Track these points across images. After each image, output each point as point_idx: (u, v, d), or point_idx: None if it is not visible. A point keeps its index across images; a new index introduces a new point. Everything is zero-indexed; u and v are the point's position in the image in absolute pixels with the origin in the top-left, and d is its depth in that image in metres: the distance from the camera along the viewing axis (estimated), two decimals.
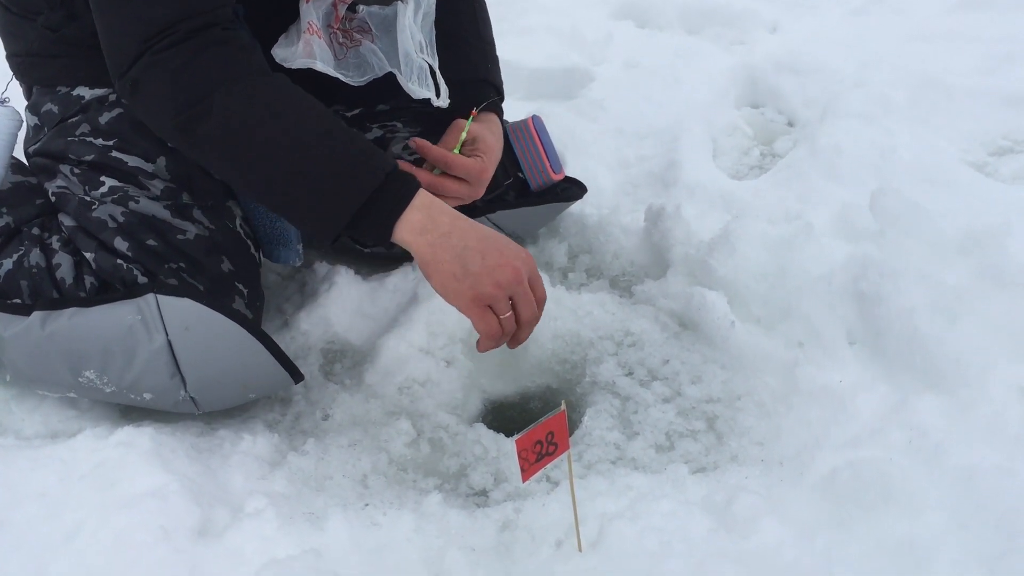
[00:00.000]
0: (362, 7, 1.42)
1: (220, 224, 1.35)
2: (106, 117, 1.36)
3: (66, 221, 1.34)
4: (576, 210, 1.80)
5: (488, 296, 1.19)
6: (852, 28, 2.78)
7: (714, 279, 1.50)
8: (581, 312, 1.53)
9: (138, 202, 1.32)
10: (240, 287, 1.34)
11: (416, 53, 1.43)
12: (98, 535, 1.06)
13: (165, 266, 1.29)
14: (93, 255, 1.30)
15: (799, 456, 1.23)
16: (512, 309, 1.22)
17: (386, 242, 1.21)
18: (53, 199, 1.38)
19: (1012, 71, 2.37)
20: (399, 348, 1.43)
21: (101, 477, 1.14)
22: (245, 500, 1.16)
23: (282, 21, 1.39)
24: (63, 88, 1.39)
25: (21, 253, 1.33)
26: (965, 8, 2.77)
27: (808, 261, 1.46)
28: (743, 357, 1.40)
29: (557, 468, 1.23)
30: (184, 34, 1.19)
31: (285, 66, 1.35)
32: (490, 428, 1.34)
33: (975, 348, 1.27)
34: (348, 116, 1.59)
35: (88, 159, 1.35)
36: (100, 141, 1.35)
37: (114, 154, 1.34)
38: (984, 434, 1.18)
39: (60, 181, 1.37)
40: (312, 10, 1.37)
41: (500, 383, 1.45)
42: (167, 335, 1.24)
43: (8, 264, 1.33)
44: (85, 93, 1.38)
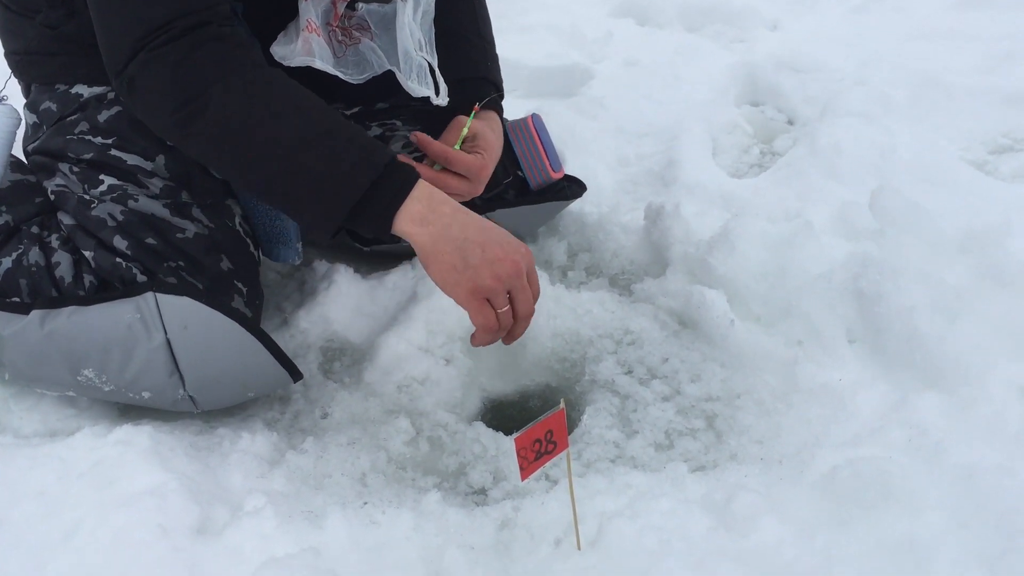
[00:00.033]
0: (361, 5, 1.42)
1: (219, 223, 1.35)
2: (105, 115, 1.36)
3: (65, 219, 1.34)
4: (576, 208, 1.80)
5: (487, 289, 1.19)
6: (852, 26, 2.78)
7: (714, 277, 1.50)
8: (580, 310, 1.53)
9: (137, 200, 1.31)
10: (239, 285, 1.34)
11: (415, 51, 1.43)
12: (97, 533, 1.06)
13: (164, 265, 1.29)
14: (92, 253, 1.30)
15: (799, 454, 1.23)
16: (509, 303, 1.22)
17: (387, 234, 1.21)
18: (52, 197, 1.38)
19: (1012, 69, 2.37)
20: (398, 346, 1.43)
21: (100, 475, 1.14)
22: (244, 498, 1.16)
23: (281, 19, 1.39)
24: (62, 86, 1.39)
25: (20, 251, 1.33)
26: (965, 6, 2.77)
27: (808, 260, 1.46)
28: (743, 355, 1.40)
29: (556, 466, 1.23)
30: (180, 31, 1.18)
31: (284, 64, 1.35)
32: (489, 427, 1.33)
33: (975, 347, 1.27)
34: (347, 114, 1.58)
35: (87, 157, 1.35)
36: (99, 139, 1.35)
37: (113, 152, 1.34)
38: (984, 433, 1.18)
39: (59, 179, 1.37)
40: (311, 8, 1.37)
41: (499, 381, 1.44)
42: (166, 334, 1.24)
43: (7, 262, 1.32)
44: (84, 91, 1.38)
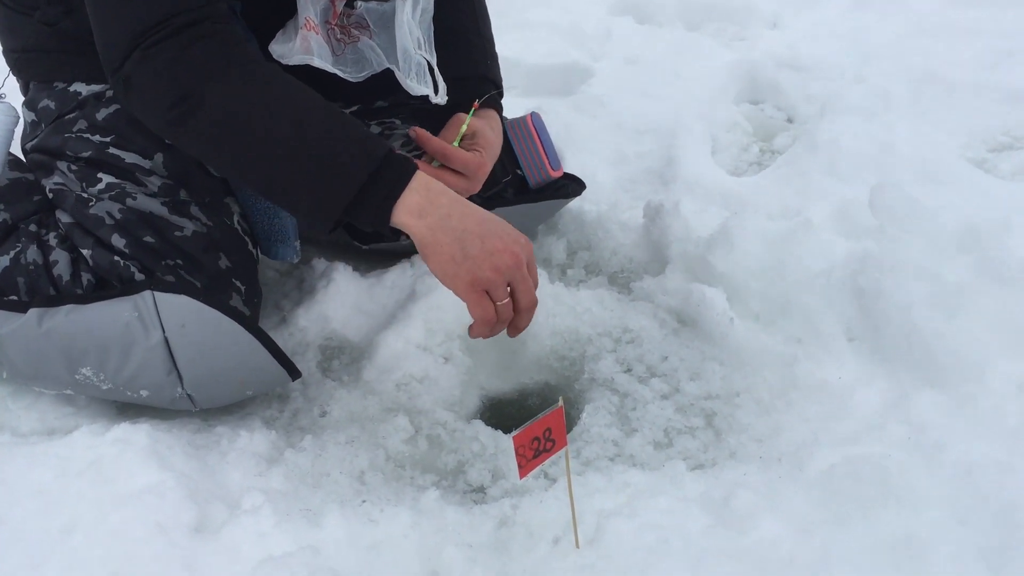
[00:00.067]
0: (360, 3, 1.42)
1: (218, 221, 1.35)
2: (103, 113, 1.36)
3: (63, 218, 1.34)
4: (575, 206, 1.80)
5: (486, 281, 1.18)
6: (852, 23, 2.77)
7: (713, 275, 1.50)
8: (580, 309, 1.52)
9: (135, 199, 1.31)
10: (238, 284, 1.34)
11: (414, 49, 1.43)
12: (95, 531, 1.07)
13: (162, 263, 1.29)
14: (90, 252, 1.30)
15: (798, 452, 1.22)
16: (510, 295, 1.21)
17: (386, 227, 1.20)
18: (50, 196, 1.38)
19: (1012, 67, 2.37)
20: (397, 345, 1.43)
21: (98, 474, 1.14)
22: (242, 497, 1.16)
23: (279, 17, 1.38)
24: (60, 84, 1.39)
25: (18, 250, 1.33)
26: (965, 3, 2.76)
27: (807, 257, 1.46)
28: (742, 353, 1.40)
29: (555, 465, 1.23)
30: (175, 29, 1.18)
31: (282, 63, 1.35)
32: (488, 425, 1.33)
33: (974, 344, 1.27)
34: (346, 113, 1.58)
35: (85, 155, 1.35)
36: (97, 137, 1.35)
37: (111, 150, 1.34)
38: (983, 430, 1.18)
39: (57, 178, 1.37)
40: (310, 6, 1.36)
41: (498, 380, 1.44)
42: (164, 332, 1.24)
43: (5, 261, 1.32)
44: (82, 89, 1.38)
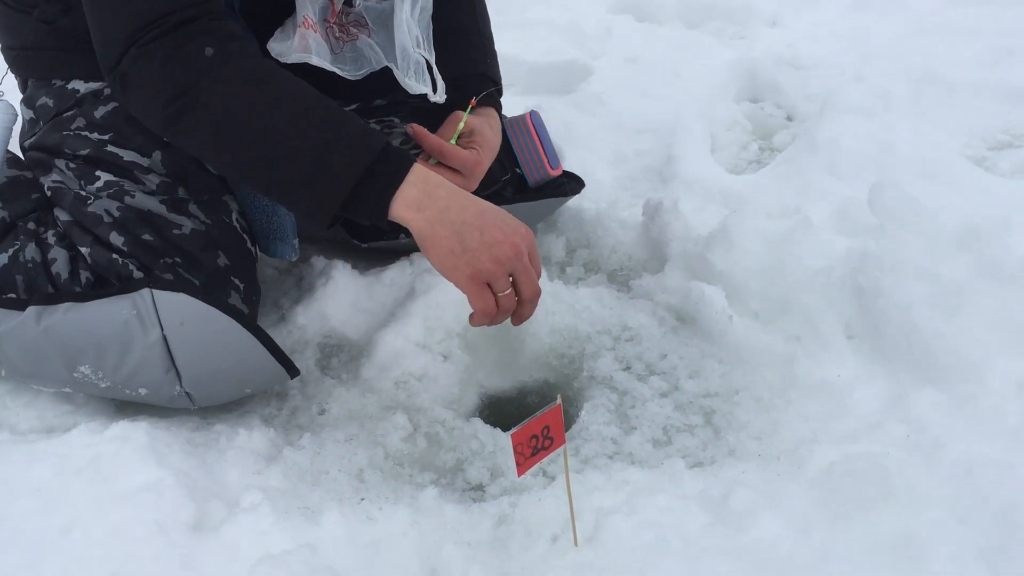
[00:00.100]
0: (359, 1, 1.42)
1: (216, 219, 1.34)
2: (101, 111, 1.35)
3: (62, 216, 1.34)
4: (574, 204, 1.79)
5: (486, 273, 1.17)
6: (852, 22, 2.77)
7: (712, 273, 1.50)
8: (579, 307, 1.52)
9: (134, 197, 1.31)
10: (236, 282, 1.34)
11: (413, 48, 1.43)
12: (93, 530, 1.06)
13: (161, 261, 1.28)
14: (88, 250, 1.30)
15: (797, 450, 1.22)
16: (513, 285, 1.20)
17: (384, 221, 1.19)
18: (49, 194, 1.37)
19: (1012, 65, 2.37)
20: (396, 343, 1.43)
21: (96, 472, 1.13)
22: (241, 495, 1.15)
23: (278, 15, 1.38)
24: (58, 81, 1.39)
25: (16, 248, 1.33)
26: (965, 2, 2.76)
27: (806, 255, 1.46)
28: (741, 351, 1.40)
29: (554, 462, 1.23)
30: (171, 26, 1.18)
31: (280, 61, 1.35)
32: (487, 423, 1.33)
33: (974, 342, 1.27)
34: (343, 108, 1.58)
35: (83, 153, 1.35)
36: (95, 135, 1.35)
37: (109, 148, 1.34)
38: (983, 429, 1.18)
39: (55, 175, 1.37)
40: (308, 4, 1.36)
41: (497, 378, 1.44)
42: (162, 330, 1.23)
43: (3, 259, 1.32)
44: (80, 87, 1.37)
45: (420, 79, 1.43)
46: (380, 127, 1.59)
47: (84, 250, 1.30)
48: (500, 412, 1.41)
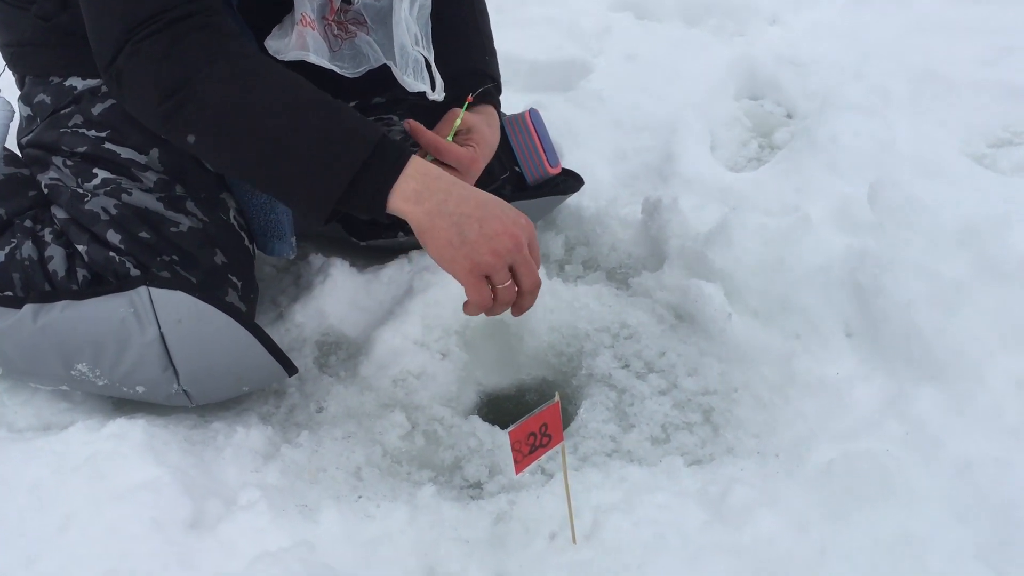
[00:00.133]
0: None
1: (214, 216, 1.34)
2: (99, 108, 1.35)
3: (58, 213, 1.34)
4: (573, 202, 1.79)
5: (486, 265, 1.17)
6: (852, 20, 2.77)
7: (711, 271, 1.50)
8: (577, 304, 1.52)
9: (131, 194, 1.31)
10: (234, 279, 1.33)
11: (411, 46, 1.42)
12: (90, 527, 1.06)
13: (158, 259, 1.28)
14: (85, 247, 1.29)
15: (795, 448, 1.22)
16: (512, 277, 1.19)
17: (382, 214, 1.19)
18: (46, 191, 1.37)
19: (1012, 63, 2.36)
20: (394, 340, 1.42)
21: (93, 469, 1.13)
22: (238, 492, 1.15)
23: (276, 13, 1.38)
24: (56, 78, 1.39)
25: (13, 245, 1.32)
26: (965, 0, 2.75)
27: (806, 253, 1.46)
28: (740, 349, 1.40)
29: (552, 460, 1.23)
30: (166, 23, 1.18)
31: (278, 58, 1.34)
32: (485, 420, 1.33)
33: (973, 340, 1.27)
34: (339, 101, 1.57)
35: (81, 151, 1.34)
36: (93, 132, 1.35)
37: (107, 145, 1.34)
38: (982, 426, 1.18)
39: (53, 173, 1.36)
40: (306, 2, 1.36)
41: (495, 375, 1.44)
42: (160, 328, 1.23)
43: (0, 256, 1.32)
44: (78, 84, 1.37)
45: (418, 77, 1.43)
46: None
47: (81, 248, 1.30)
48: (498, 410, 1.41)
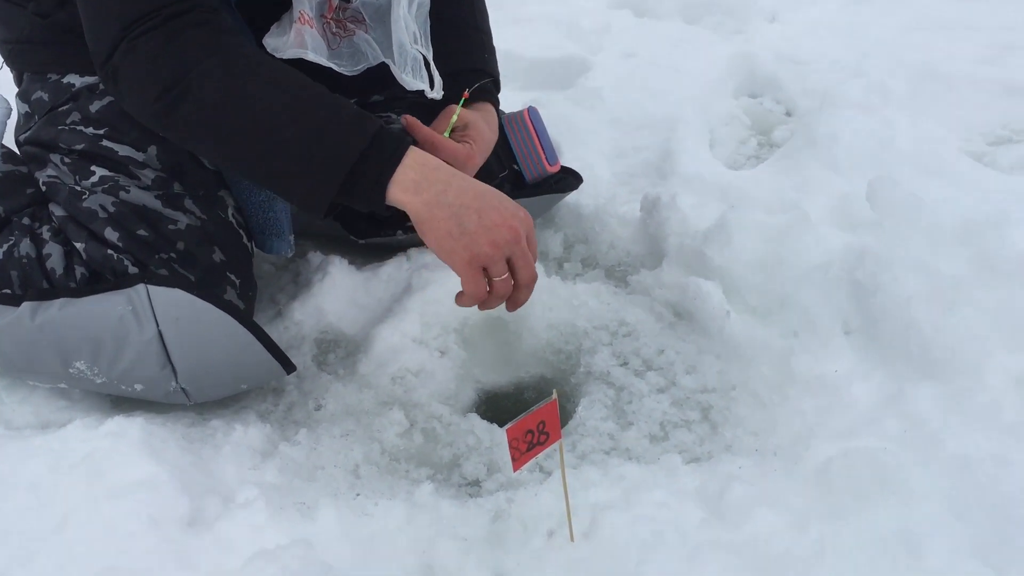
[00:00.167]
0: None
1: (212, 214, 1.34)
2: (97, 105, 1.35)
3: (56, 211, 1.34)
4: (572, 200, 1.79)
5: (485, 256, 1.16)
6: (851, 17, 2.77)
7: (710, 269, 1.49)
8: (576, 302, 1.52)
9: (129, 192, 1.31)
10: (232, 277, 1.33)
11: (410, 44, 1.42)
12: (88, 525, 1.06)
13: (156, 256, 1.28)
14: (83, 245, 1.29)
15: (793, 446, 1.22)
16: (509, 270, 1.19)
17: (381, 206, 1.18)
18: (44, 189, 1.37)
19: (1012, 60, 2.37)
20: (393, 338, 1.42)
21: (91, 467, 1.13)
22: (236, 490, 1.15)
23: (274, 11, 1.38)
24: (53, 75, 1.38)
25: (11, 243, 1.32)
26: None
27: (804, 251, 1.45)
28: (738, 347, 1.39)
29: (550, 458, 1.23)
30: (162, 19, 1.17)
31: (276, 56, 1.34)
32: (484, 418, 1.33)
33: (971, 338, 1.26)
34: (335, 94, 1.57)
35: (79, 148, 1.34)
36: (91, 130, 1.34)
37: (105, 143, 1.34)
38: (980, 423, 1.18)
39: (50, 170, 1.36)
40: (305, 0, 1.36)
41: (494, 373, 1.44)
42: (158, 326, 1.23)
43: None
44: (76, 81, 1.37)
45: (417, 75, 1.42)
46: None
47: (79, 245, 1.29)
48: (497, 408, 1.41)
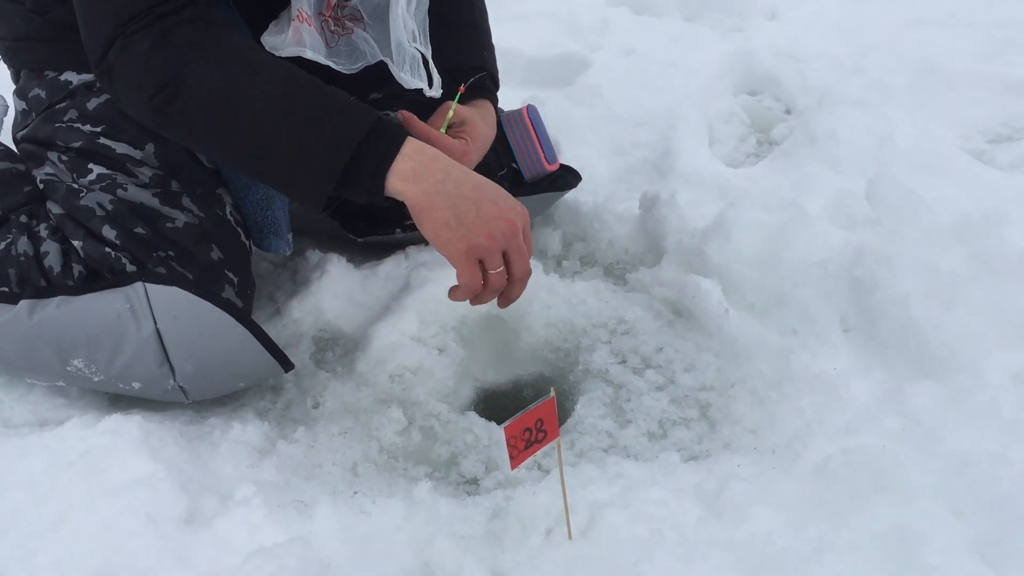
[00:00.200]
0: None
1: (210, 212, 1.34)
2: (94, 103, 1.35)
3: (54, 209, 1.33)
4: (571, 198, 1.79)
5: (481, 248, 1.16)
6: (851, 14, 2.77)
7: (708, 267, 1.49)
8: (575, 300, 1.52)
9: (126, 190, 1.30)
10: (230, 275, 1.33)
11: (408, 42, 1.41)
12: (85, 523, 1.06)
13: (154, 254, 1.28)
14: (81, 243, 1.29)
15: (792, 444, 1.22)
16: (504, 263, 1.19)
17: (380, 197, 1.18)
18: (41, 186, 1.37)
19: (1011, 57, 2.36)
20: (391, 336, 1.42)
21: (89, 465, 1.13)
22: (234, 488, 1.15)
23: (273, 8, 1.37)
24: (51, 73, 1.38)
25: (9, 241, 1.32)
26: None
27: (803, 248, 1.45)
28: (737, 345, 1.39)
29: (548, 456, 1.23)
30: (157, 17, 1.17)
31: (275, 55, 1.34)
32: (482, 416, 1.33)
33: (970, 335, 1.26)
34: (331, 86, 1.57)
35: (76, 146, 1.34)
36: (88, 127, 1.34)
37: (102, 141, 1.33)
38: (978, 421, 1.18)
39: (48, 168, 1.36)
40: None
41: (492, 371, 1.44)
42: (156, 324, 1.23)
43: None
44: (73, 78, 1.37)
45: (415, 74, 1.42)
46: None
47: (77, 243, 1.29)
48: (495, 406, 1.41)
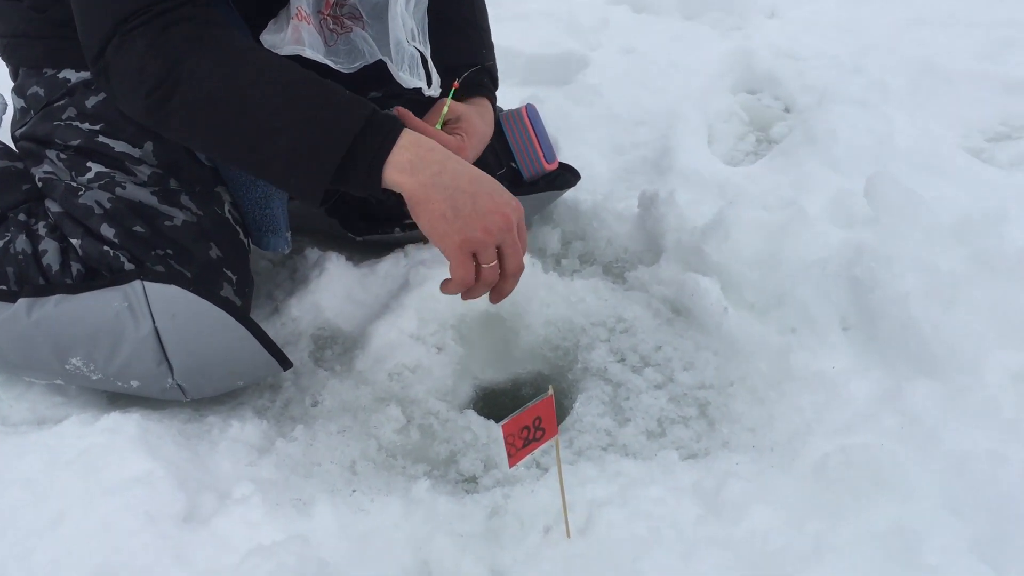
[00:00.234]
0: None
1: (208, 210, 1.34)
2: (92, 101, 1.35)
3: (52, 207, 1.33)
4: (570, 196, 1.79)
5: (477, 241, 1.16)
6: (850, 14, 2.77)
7: (707, 265, 1.49)
8: (574, 298, 1.51)
9: (125, 188, 1.30)
10: (228, 273, 1.33)
11: (407, 41, 1.41)
12: (83, 521, 1.06)
13: (152, 253, 1.28)
14: (79, 241, 1.29)
15: (791, 442, 1.22)
16: (498, 258, 1.19)
17: (378, 189, 1.18)
18: (39, 185, 1.37)
19: (1011, 57, 2.36)
20: (390, 334, 1.42)
21: (87, 463, 1.13)
22: (232, 486, 1.15)
23: (272, 7, 1.37)
24: (49, 70, 1.38)
25: (7, 239, 1.32)
26: None
27: (802, 247, 1.45)
28: (736, 343, 1.39)
29: (547, 454, 1.23)
30: (154, 15, 1.17)
31: (272, 52, 1.33)
32: (481, 415, 1.33)
33: (969, 334, 1.26)
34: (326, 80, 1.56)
35: (74, 144, 1.34)
36: (86, 125, 1.34)
37: (100, 139, 1.33)
38: (977, 420, 1.18)
39: (46, 166, 1.36)
40: None
41: (491, 370, 1.44)
42: (154, 322, 1.23)
43: None
44: (71, 76, 1.37)
45: (414, 73, 1.42)
46: None
47: (75, 242, 1.29)
48: (494, 404, 1.40)
